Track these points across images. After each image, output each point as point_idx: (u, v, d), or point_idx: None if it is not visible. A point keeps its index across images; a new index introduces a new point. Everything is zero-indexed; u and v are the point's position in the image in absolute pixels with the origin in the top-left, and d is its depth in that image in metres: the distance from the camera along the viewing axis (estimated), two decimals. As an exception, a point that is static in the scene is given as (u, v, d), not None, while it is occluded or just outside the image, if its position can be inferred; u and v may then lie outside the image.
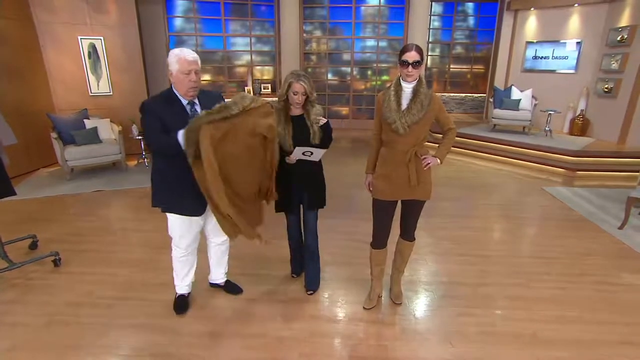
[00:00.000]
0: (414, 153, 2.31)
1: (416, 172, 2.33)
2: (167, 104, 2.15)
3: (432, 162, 2.32)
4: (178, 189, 2.23)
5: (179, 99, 2.17)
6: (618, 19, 6.73)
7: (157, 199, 2.34)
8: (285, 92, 2.43)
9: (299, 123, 2.49)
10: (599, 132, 7.03)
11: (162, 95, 2.20)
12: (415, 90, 2.26)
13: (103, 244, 3.58)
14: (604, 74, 6.91)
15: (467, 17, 9.72)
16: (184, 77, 2.08)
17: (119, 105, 6.50)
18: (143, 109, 2.13)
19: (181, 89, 2.13)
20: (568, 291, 2.91)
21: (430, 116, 2.29)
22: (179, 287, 2.63)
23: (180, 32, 8.20)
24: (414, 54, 2.20)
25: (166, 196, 2.28)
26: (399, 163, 2.34)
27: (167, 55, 2.12)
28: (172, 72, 2.09)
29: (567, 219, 4.28)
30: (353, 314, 2.61)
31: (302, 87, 2.38)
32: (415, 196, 2.39)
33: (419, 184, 2.35)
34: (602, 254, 3.50)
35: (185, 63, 2.06)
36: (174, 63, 2.07)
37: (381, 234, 2.57)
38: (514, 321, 2.54)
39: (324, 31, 9.20)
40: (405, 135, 2.28)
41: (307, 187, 2.60)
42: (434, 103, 2.27)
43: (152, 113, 2.11)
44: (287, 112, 2.49)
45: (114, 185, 5.20)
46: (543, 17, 7.72)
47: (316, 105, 2.52)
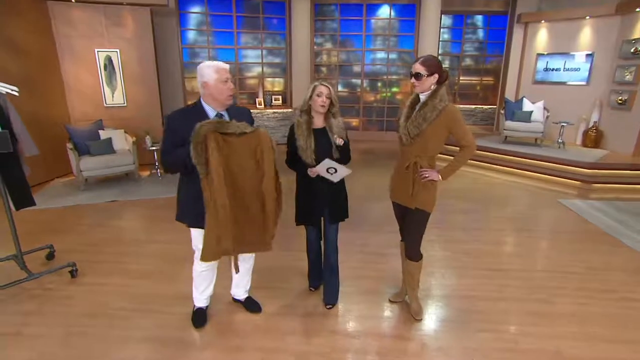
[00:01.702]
0: (414, 163, 2.33)
1: (413, 182, 2.36)
2: (194, 116, 2.14)
3: (430, 176, 2.33)
4: (202, 204, 2.20)
5: (206, 112, 2.19)
6: (631, 30, 6.71)
7: (181, 214, 2.35)
8: (309, 98, 2.44)
9: (322, 136, 2.49)
10: (613, 144, 6.95)
11: (189, 108, 2.24)
12: (424, 102, 2.29)
13: (118, 255, 3.59)
14: (618, 86, 6.86)
15: (476, 29, 9.74)
16: (222, 85, 2.13)
17: (133, 116, 6.59)
18: (167, 121, 2.19)
19: (220, 98, 2.16)
20: (590, 307, 2.84)
21: (439, 130, 2.29)
22: (197, 300, 2.61)
23: (193, 45, 8.33)
24: (417, 66, 2.29)
25: (191, 211, 2.26)
26: (400, 170, 2.45)
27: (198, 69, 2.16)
28: (210, 82, 2.11)
29: (585, 232, 4.21)
30: (373, 329, 2.57)
31: (326, 89, 2.40)
32: (409, 204, 2.41)
33: (415, 195, 2.38)
34: (624, 269, 3.42)
35: (223, 71, 2.13)
36: (212, 73, 2.11)
37: (401, 228, 2.68)
38: (536, 338, 2.48)
39: (334, 43, 9.29)
40: (409, 145, 2.36)
41: (329, 199, 2.57)
42: (444, 117, 2.25)
43: (171, 128, 2.14)
44: (310, 125, 2.49)
45: (128, 195, 5.23)
46: (554, 29, 7.73)
47: (338, 117, 2.53)
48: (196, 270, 2.50)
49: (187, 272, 3.20)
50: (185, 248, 3.68)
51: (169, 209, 4.76)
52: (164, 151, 2.17)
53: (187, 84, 8.41)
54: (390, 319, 2.68)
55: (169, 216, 4.54)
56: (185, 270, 3.27)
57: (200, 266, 2.47)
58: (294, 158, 2.53)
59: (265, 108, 8.79)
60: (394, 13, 8.98)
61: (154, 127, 6.52)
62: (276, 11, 8.73)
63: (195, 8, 8.18)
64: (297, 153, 2.49)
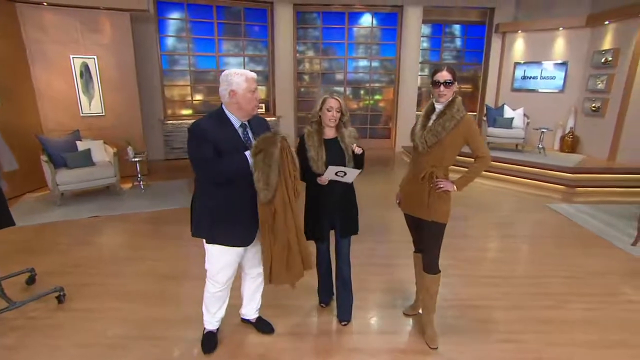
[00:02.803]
0: (430, 173, 2.29)
1: (428, 192, 2.31)
2: (221, 125, 2.05)
3: (445, 186, 2.29)
4: (227, 217, 2.08)
5: (231, 121, 2.07)
6: (601, 42, 7.07)
7: (199, 229, 2.17)
8: (318, 111, 2.37)
9: (334, 146, 2.40)
10: (588, 149, 7.26)
11: (214, 117, 2.09)
12: (442, 111, 2.26)
13: (108, 276, 3.32)
14: (591, 94, 7.19)
15: (454, 38, 10.00)
16: (250, 95, 2.03)
17: (112, 126, 6.26)
18: (196, 132, 2.00)
19: (246, 108, 2.06)
20: (600, 312, 2.87)
21: (456, 139, 2.26)
22: (208, 323, 2.43)
23: (172, 52, 8.05)
24: (445, 74, 2.26)
25: (212, 226, 2.11)
26: (415, 180, 2.37)
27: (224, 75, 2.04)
28: (238, 90, 2.00)
29: (578, 236, 4.30)
30: (392, 345, 2.48)
31: (337, 102, 2.33)
32: (425, 215, 2.35)
33: (429, 205, 2.33)
34: (622, 272, 3.50)
35: (252, 81, 2.04)
36: (242, 82, 2.00)
37: (414, 239, 2.65)
38: (557, 347, 2.47)
39: (317, 51, 9.26)
40: (425, 154, 2.31)
41: (340, 212, 2.48)
42: (462, 127, 2.24)
43: (205, 138, 1.98)
44: (321, 135, 2.40)
45: (110, 210, 4.92)
46: (530, 39, 8.03)
47: (349, 127, 2.45)
48: (209, 291, 2.32)
49: (186, 292, 3.04)
50: (180, 265, 3.49)
51: (157, 224, 4.55)
52: (205, 162, 1.99)
53: (167, 92, 8.11)
54: (408, 333, 2.60)
55: (158, 231, 4.35)
56: (184, 290, 3.09)
57: (214, 287, 2.29)
58: (304, 169, 2.43)
59: (248, 116, 8.60)
60: (376, 21, 9.07)
61: (134, 137, 6.21)
62: (258, 18, 8.61)
63: (175, 14, 7.93)
64: (307, 164, 2.39)
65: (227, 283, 2.30)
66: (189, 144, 2.02)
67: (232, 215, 2.08)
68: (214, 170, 2.00)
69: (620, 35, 6.66)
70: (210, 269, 2.25)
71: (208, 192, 2.09)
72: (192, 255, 3.66)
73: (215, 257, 2.19)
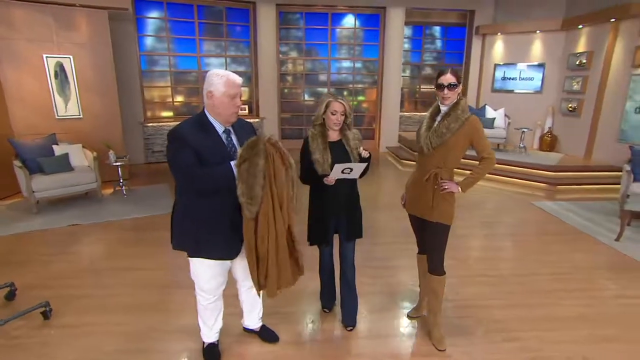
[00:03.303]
0: (435, 175, 2.30)
1: (433, 193, 2.32)
2: (202, 131, 1.90)
3: (450, 187, 2.30)
4: (211, 230, 1.95)
5: (214, 126, 1.93)
6: (575, 45, 7.34)
7: (181, 242, 2.05)
8: (322, 114, 2.32)
9: (339, 149, 2.36)
10: (566, 147, 7.52)
11: (194, 121, 1.94)
12: (447, 113, 2.27)
13: (95, 287, 3.15)
14: (567, 95, 7.46)
15: (434, 40, 10.17)
16: (229, 101, 1.88)
17: (90, 129, 5.99)
18: (176, 137, 1.85)
19: (224, 113, 1.90)
20: (595, 308, 2.94)
21: (461, 141, 2.27)
22: (207, 336, 2.33)
23: (151, 52, 7.80)
24: (449, 77, 2.26)
25: (195, 238, 1.99)
26: (420, 181, 2.38)
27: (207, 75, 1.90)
28: (215, 94, 1.86)
29: (565, 233, 4.43)
30: (400, 349, 2.45)
31: (341, 106, 2.28)
32: (431, 217, 2.36)
33: (434, 207, 2.33)
34: (609, 267, 3.63)
35: (234, 86, 1.87)
36: (220, 85, 1.85)
37: (418, 240, 2.65)
38: (559, 344, 2.51)
39: (300, 52, 9.19)
40: (430, 156, 2.32)
41: (345, 214, 2.44)
42: (467, 127, 2.24)
43: (186, 144, 1.82)
44: (325, 138, 2.35)
45: (92, 217, 4.69)
46: (509, 41, 8.25)
47: (353, 129, 2.41)
48: (201, 304, 2.22)
49: (180, 300, 2.92)
50: (171, 273, 3.36)
51: (142, 231, 4.38)
52: (185, 170, 1.83)
53: (147, 93, 7.85)
54: (415, 336, 2.58)
55: (145, 239, 4.17)
56: (178, 298, 2.97)
57: (205, 299, 2.19)
58: (308, 172, 2.38)
59: (232, 118, 8.44)
60: (359, 22, 9.09)
61: (114, 140, 5.97)
62: (240, 18, 8.47)
63: (154, 13, 7.68)
64: (311, 167, 2.34)
65: (217, 293, 2.19)
66: (168, 150, 1.88)
67: (215, 226, 1.94)
68: (195, 179, 1.85)
69: (593, 39, 6.93)
70: (196, 281, 2.14)
71: (189, 201, 1.96)
72: (183, 262, 3.48)
73: (200, 270, 2.08)
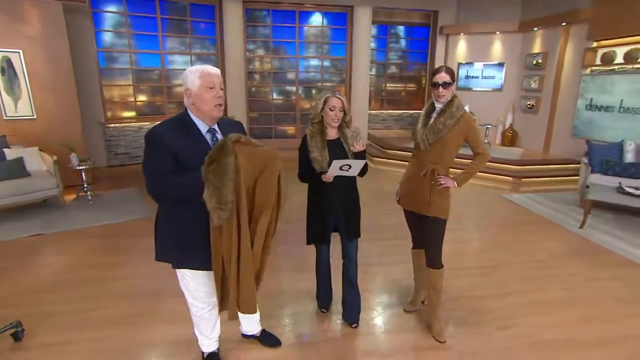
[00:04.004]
0: (432, 171, 2.35)
1: (430, 188, 2.37)
2: (183, 131, 1.76)
3: (446, 182, 2.37)
4: (193, 239, 1.83)
5: (197, 126, 1.80)
6: (532, 46, 7.80)
7: (164, 253, 1.92)
8: (320, 111, 2.29)
9: (337, 147, 2.34)
10: (526, 143, 7.97)
11: (175, 121, 1.80)
12: (442, 110, 2.32)
13: (71, 302, 2.90)
14: (526, 93, 7.91)
15: (399, 39, 10.40)
16: (207, 93, 1.74)
17: (46, 130, 5.52)
18: (152, 138, 1.71)
19: (205, 108, 1.76)
20: (572, 291, 3.13)
21: (456, 137, 2.34)
22: (206, 346, 2.22)
23: (110, 48, 7.32)
24: (443, 75, 2.33)
25: (177, 248, 1.87)
26: (416, 177, 2.43)
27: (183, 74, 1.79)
28: (192, 89, 1.75)
29: (535, 222, 4.69)
30: (400, 343, 2.47)
31: (339, 101, 2.26)
32: (427, 212, 2.42)
33: (431, 202, 2.39)
34: (578, 252, 3.87)
35: (208, 75, 1.75)
36: (195, 79, 1.74)
37: (413, 235, 2.69)
38: (549, 328, 2.64)
39: (267, 50, 9.05)
40: (427, 152, 2.37)
41: (344, 212, 2.42)
42: (462, 124, 2.31)
43: (163, 146, 1.69)
44: (324, 136, 2.32)
45: (55, 226, 4.32)
46: (471, 41, 8.61)
47: (352, 126, 2.39)
48: (195, 315, 2.10)
49: (167, 309, 2.77)
50: (152, 282, 3.16)
51: (114, 238, 4.10)
52: (159, 177, 1.70)
53: (106, 92, 7.36)
54: (416, 330, 2.61)
55: (118, 246, 3.91)
56: (163, 307, 2.81)
57: (198, 309, 2.07)
58: (306, 170, 2.34)
59: (199, 117, 8.13)
60: (326, 21, 9.09)
61: (74, 142, 5.53)
62: (205, 15, 8.19)
63: (111, 7, 7.22)
64: (309, 165, 2.32)
65: (210, 302, 2.06)
66: (144, 153, 1.75)
67: (198, 235, 1.81)
68: (169, 188, 1.72)
69: (548, 41, 7.40)
70: (186, 292, 2.02)
71: (170, 210, 1.85)
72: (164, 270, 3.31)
73: (188, 280, 1.97)
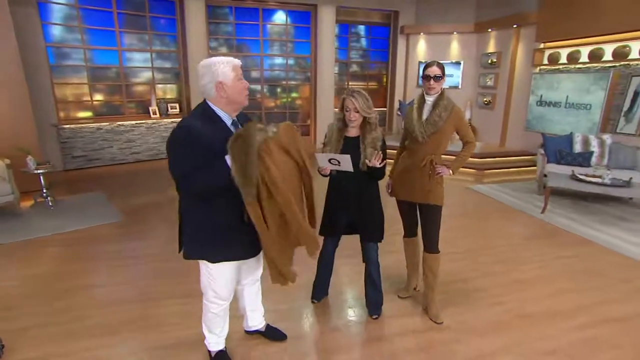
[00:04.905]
0: (430, 161, 2.47)
1: (428, 178, 2.50)
2: (213, 125, 1.75)
3: (443, 171, 2.51)
4: (228, 231, 1.81)
5: (222, 120, 1.80)
6: (487, 46, 8.33)
7: (196, 250, 1.87)
8: (340, 109, 2.36)
9: (352, 145, 2.35)
10: (484, 137, 8.49)
11: (203, 115, 1.77)
12: (435, 103, 2.45)
13: (54, 314, 2.69)
14: (482, 90, 8.43)
15: (360, 38, 10.62)
16: (240, 83, 1.79)
17: (-6, 132, 5.03)
18: (189, 135, 1.66)
19: (239, 98, 1.80)
20: (546, 269, 3.41)
21: (450, 128, 2.48)
22: (215, 344, 2.17)
23: (61, 43, 6.80)
24: (435, 69, 2.45)
25: (212, 244, 1.84)
26: (414, 168, 2.53)
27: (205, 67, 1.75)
28: (226, 82, 1.73)
29: (502, 210, 5.03)
30: (402, 327, 2.57)
31: (351, 103, 2.28)
32: (427, 200, 2.54)
33: (430, 190, 2.52)
34: (543, 235, 4.22)
35: (239, 67, 1.80)
36: (229, 71, 1.74)
37: (407, 224, 2.79)
38: (534, 301, 2.87)
39: (230, 48, 8.86)
40: (424, 144, 2.48)
41: (360, 213, 2.45)
42: (453, 116, 2.46)
43: (201, 143, 1.66)
44: (342, 132, 2.38)
45: (14, 235, 3.96)
46: (430, 41, 9.01)
47: (377, 130, 2.36)
48: (212, 312, 2.06)
49: (160, 313, 2.69)
50: (136, 286, 3.04)
51: (85, 245, 3.85)
52: (193, 169, 1.66)
53: (58, 90, 6.83)
54: (413, 314, 2.71)
55: (91, 253, 3.69)
56: (156, 312, 2.71)
57: (218, 307, 2.04)
58: None
59: (161, 118, 7.81)
60: (290, 19, 9.09)
61: (28, 144, 5.08)
62: (164, 10, 7.85)
63: (61, -1, 6.72)
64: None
65: (230, 298, 2.06)
66: (175, 150, 1.69)
67: (235, 225, 1.80)
68: (197, 180, 1.68)
69: (501, 41, 7.94)
70: (211, 289, 1.97)
71: (200, 204, 1.80)
72: (146, 273, 3.28)
73: (217, 274, 1.92)
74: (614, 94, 6.01)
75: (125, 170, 6.89)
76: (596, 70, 6.24)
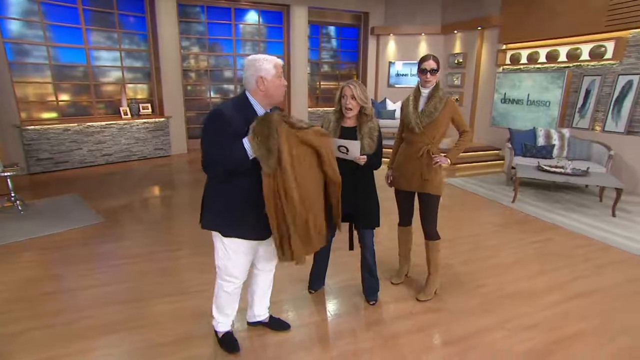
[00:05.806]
0: (427, 151, 2.62)
1: (427, 167, 2.64)
2: (245, 114, 1.87)
3: (441, 161, 2.66)
4: (243, 210, 1.93)
5: (255, 110, 1.91)
6: (453, 47, 8.74)
7: (213, 221, 2.01)
8: (338, 99, 2.42)
9: (349, 135, 2.43)
10: (452, 133, 8.84)
11: (238, 104, 1.91)
12: (431, 95, 2.60)
13: (45, 317, 2.60)
14: (450, 88, 8.83)
15: (330, 39, 10.79)
16: (280, 81, 1.92)
17: (-45, 134, 4.71)
18: (221, 119, 1.82)
19: (277, 94, 1.94)
20: (522, 254, 3.68)
21: (445, 118, 2.64)
22: (224, 325, 2.27)
23: (20, 39, 6.42)
24: (431, 63, 2.59)
25: (228, 218, 1.96)
26: (412, 158, 2.66)
27: (251, 61, 1.89)
28: (267, 77, 1.87)
29: (477, 201, 5.33)
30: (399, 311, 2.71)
31: (349, 90, 2.35)
32: (426, 189, 2.69)
33: (428, 180, 2.66)
34: (516, 222, 4.53)
35: (280, 67, 1.93)
36: (271, 68, 1.88)
37: (403, 214, 2.95)
38: (514, 282, 3.10)
39: (202, 47, 8.73)
40: (421, 134, 2.62)
41: (356, 202, 2.52)
42: (448, 106, 2.62)
43: (227, 123, 1.81)
44: (338, 123, 2.45)
45: (-14, 242, 3.74)
46: (399, 42, 9.33)
47: (373, 120, 2.44)
48: (225, 290, 2.15)
49: (159, 311, 2.70)
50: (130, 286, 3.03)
51: (66, 248, 3.75)
52: (217, 146, 1.79)
53: (18, 89, 6.45)
54: (407, 299, 2.85)
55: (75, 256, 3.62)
56: (156, 309, 2.71)
57: (232, 285, 2.14)
58: None
59: (133, 118, 7.56)
60: (262, 19, 9.08)
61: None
62: (133, 8, 7.62)
63: (20, -7, 6.36)
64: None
65: (244, 277, 2.16)
66: (207, 131, 1.84)
67: (247, 207, 1.93)
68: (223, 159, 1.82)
69: (466, 43, 8.37)
70: (226, 265, 2.07)
71: (220, 183, 1.95)
72: (138, 272, 3.22)
73: (231, 250, 2.02)
74: (570, 92, 6.53)
75: (97, 172, 6.62)
76: (553, 70, 6.74)
